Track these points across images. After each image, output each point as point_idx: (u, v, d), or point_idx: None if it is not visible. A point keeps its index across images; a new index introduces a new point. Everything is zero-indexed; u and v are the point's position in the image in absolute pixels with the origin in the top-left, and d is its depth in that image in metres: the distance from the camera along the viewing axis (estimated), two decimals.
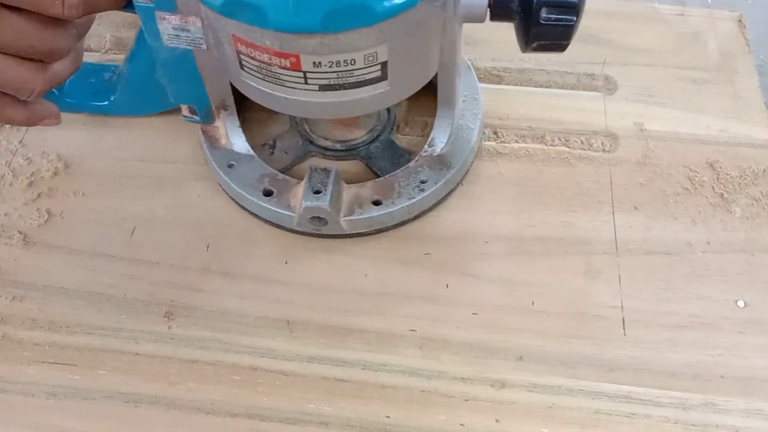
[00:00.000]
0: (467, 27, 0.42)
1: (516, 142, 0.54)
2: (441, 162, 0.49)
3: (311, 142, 0.53)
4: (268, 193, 0.48)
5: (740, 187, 0.51)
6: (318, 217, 0.46)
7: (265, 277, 0.48)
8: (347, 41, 0.37)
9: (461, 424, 0.42)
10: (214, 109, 0.49)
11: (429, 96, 0.49)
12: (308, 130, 0.53)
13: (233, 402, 0.43)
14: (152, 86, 0.48)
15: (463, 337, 0.45)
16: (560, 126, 0.54)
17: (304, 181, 0.46)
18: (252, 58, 0.39)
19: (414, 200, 0.48)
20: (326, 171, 0.46)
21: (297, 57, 0.38)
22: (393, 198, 0.48)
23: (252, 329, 0.46)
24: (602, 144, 0.53)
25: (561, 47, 0.41)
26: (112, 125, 0.55)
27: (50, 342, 0.45)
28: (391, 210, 0.47)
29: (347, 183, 0.48)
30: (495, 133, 0.54)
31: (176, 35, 0.41)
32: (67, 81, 0.45)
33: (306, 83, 0.40)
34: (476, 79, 0.54)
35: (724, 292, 0.47)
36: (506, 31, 0.59)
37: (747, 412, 0.42)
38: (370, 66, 0.39)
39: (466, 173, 0.51)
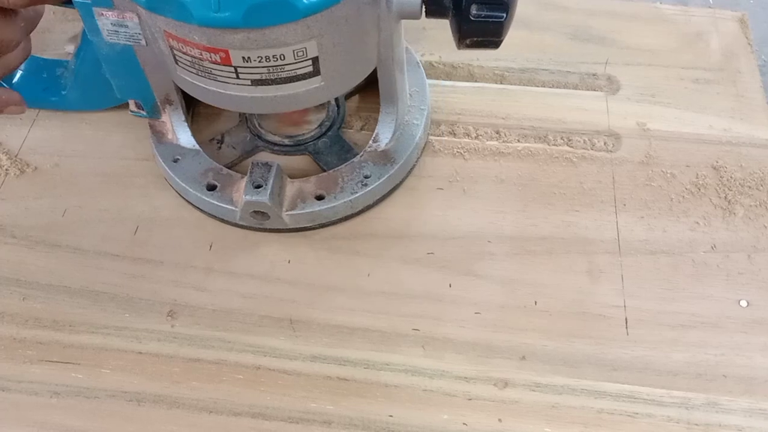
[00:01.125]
0: None
1: (518, 141, 0.54)
2: (385, 157, 0.49)
3: (259, 137, 0.53)
4: (211, 188, 0.48)
5: (743, 187, 0.51)
6: (260, 212, 0.46)
7: (269, 276, 0.48)
8: (274, 36, 0.37)
9: (464, 424, 0.42)
10: (159, 104, 0.49)
11: (378, 91, 0.49)
12: (257, 125, 0.53)
13: (236, 401, 0.43)
14: (100, 81, 0.48)
15: (465, 337, 0.45)
16: (563, 126, 0.54)
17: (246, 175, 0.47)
18: (184, 53, 0.40)
19: (356, 195, 0.48)
20: (268, 165, 0.46)
21: (226, 52, 0.38)
22: (336, 193, 0.48)
23: (255, 328, 0.46)
24: (605, 144, 0.53)
25: (494, 44, 0.41)
26: (115, 125, 0.55)
27: (54, 341, 0.45)
28: (333, 205, 0.48)
29: (295, 178, 0.49)
30: (497, 132, 0.54)
31: (115, 31, 0.42)
32: (20, 76, 0.45)
33: (238, 78, 0.40)
34: (424, 75, 0.54)
35: (726, 291, 0.47)
36: (509, 32, 0.60)
37: (750, 411, 0.42)
38: (301, 61, 0.39)
39: (411, 169, 0.51)
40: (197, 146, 0.50)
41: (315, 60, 0.40)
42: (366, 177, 0.49)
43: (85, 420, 0.42)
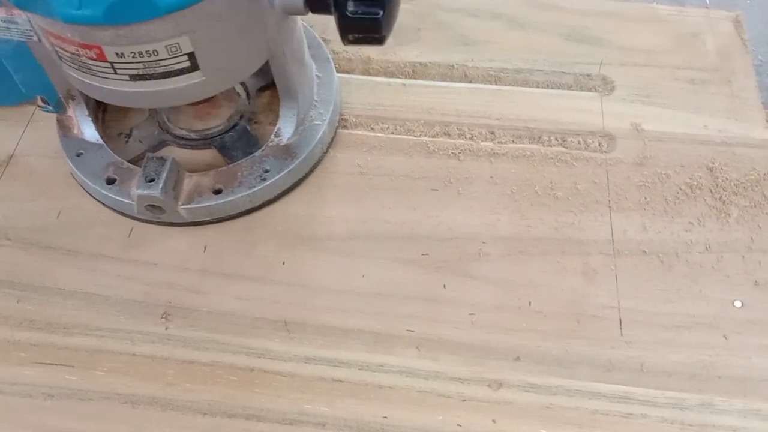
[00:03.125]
0: (467, 27, 0.42)
1: (513, 142, 0.54)
2: (286, 152, 0.50)
3: (167, 131, 0.53)
4: (110, 182, 0.48)
5: (737, 187, 0.51)
6: (155, 206, 0.47)
7: (263, 278, 0.48)
8: (141, 32, 0.38)
9: (458, 425, 0.42)
10: (62, 99, 0.49)
11: None
12: (165, 120, 0.53)
13: (230, 403, 0.43)
14: (6, 77, 0.48)
15: (460, 338, 0.45)
16: (557, 126, 0.54)
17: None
18: (63, 49, 0.40)
19: (255, 189, 0.48)
20: (162, 159, 0.47)
21: (99, 48, 0.39)
22: (234, 187, 0.48)
23: (249, 330, 0.46)
24: (599, 144, 0.53)
25: (377, 40, 0.41)
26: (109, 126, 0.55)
27: (48, 343, 0.45)
28: (231, 198, 0.48)
29: (201, 172, 0.49)
30: (492, 133, 0.54)
31: (6, 27, 0.42)
32: None
33: (116, 73, 0.40)
34: (334, 70, 0.54)
35: (721, 292, 0.47)
36: (503, 32, 0.60)
37: (744, 412, 0.42)
38: (176, 56, 0.40)
39: (316, 164, 0.52)
40: (101, 140, 0.50)
41: (191, 55, 0.40)
42: (266, 171, 0.49)
43: (79, 422, 0.42)
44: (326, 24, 0.53)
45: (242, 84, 0.55)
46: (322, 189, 0.51)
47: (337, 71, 0.55)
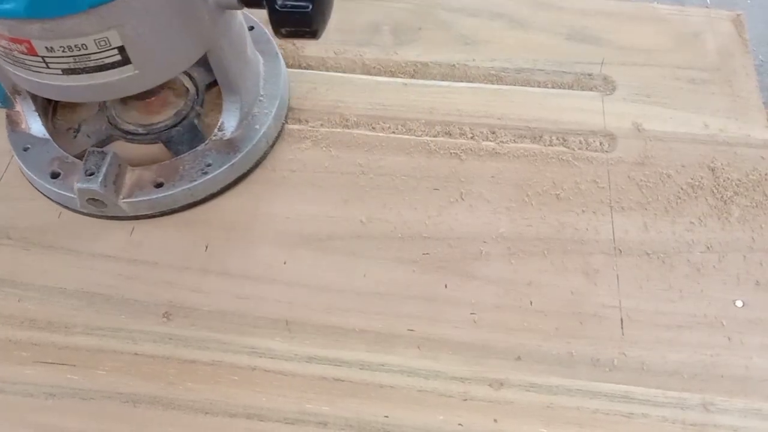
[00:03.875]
0: (468, 27, 0.41)
1: (514, 142, 0.54)
2: (229, 146, 0.50)
3: (115, 126, 0.53)
4: (55, 176, 0.49)
5: (738, 187, 0.51)
6: (97, 199, 0.47)
7: (264, 277, 0.48)
8: (68, 27, 0.38)
9: (459, 424, 0.42)
10: (9, 94, 0.49)
11: None
12: (114, 114, 0.53)
13: (231, 402, 0.43)
14: None
15: (461, 337, 0.45)
16: (558, 126, 0.54)
17: None
18: None
19: (196, 183, 0.48)
20: (102, 153, 0.47)
21: (29, 42, 0.39)
22: (175, 180, 0.48)
23: (251, 329, 0.46)
24: (600, 144, 0.54)
25: (310, 34, 0.41)
26: None
27: (49, 342, 0.45)
28: (172, 192, 0.48)
29: (144, 166, 0.49)
30: (493, 133, 0.54)
31: None
32: None
33: (48, 68, 0.40)
34: (283, 65, 0.54)
35: (722, 291, 0.47)
36: (504, 32, 0.60)
37: (745, 411, 0.42)
38: (105, 50, 0.40)
39: (262, 158, 0.52)
40: (47, 135, 0.50)
41: (121, 49, 0.40)
42: (208, 165, 0.49)
43: (80, 421, 0.42)
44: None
45: (191, 79, 0.54)
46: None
47: (339, 71, 0.55)
